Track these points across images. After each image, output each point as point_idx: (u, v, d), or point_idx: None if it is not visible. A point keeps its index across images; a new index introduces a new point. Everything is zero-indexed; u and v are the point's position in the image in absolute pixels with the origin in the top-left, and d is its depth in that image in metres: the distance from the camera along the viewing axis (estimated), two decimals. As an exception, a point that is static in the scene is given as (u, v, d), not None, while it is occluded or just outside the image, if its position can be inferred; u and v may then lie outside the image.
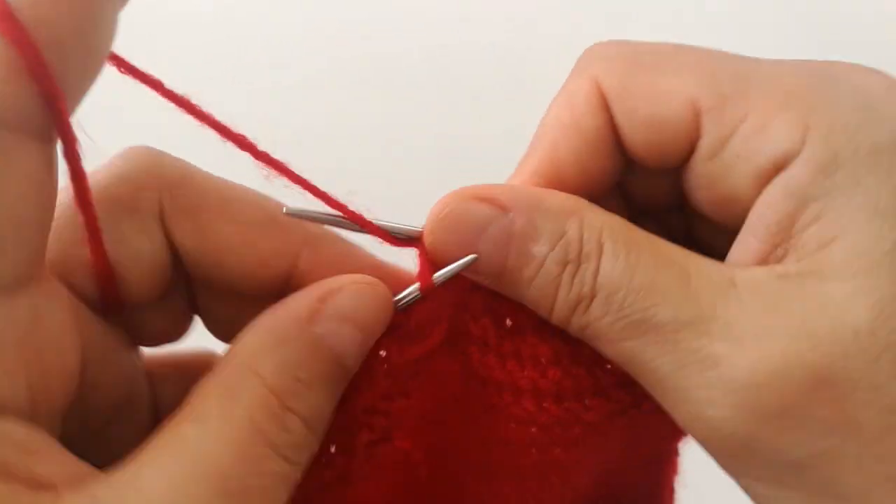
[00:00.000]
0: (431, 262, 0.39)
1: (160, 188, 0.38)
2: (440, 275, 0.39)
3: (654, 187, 0.42)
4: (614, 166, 0.40)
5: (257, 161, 0.37)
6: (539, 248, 0.37)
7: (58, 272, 0.36)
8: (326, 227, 0.40)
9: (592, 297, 0.36)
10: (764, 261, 0.35)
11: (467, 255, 0.38)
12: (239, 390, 0.33)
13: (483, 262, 0.38)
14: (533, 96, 0.45)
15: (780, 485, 0.34)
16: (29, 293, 0.31)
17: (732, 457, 0.35)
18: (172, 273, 0.39)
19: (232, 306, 0.41)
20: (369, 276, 0.38)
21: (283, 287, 0.40)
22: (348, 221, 0.38)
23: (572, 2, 0.86)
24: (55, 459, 0.30)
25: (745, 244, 0.36)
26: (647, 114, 0.37)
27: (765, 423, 0.32)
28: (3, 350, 0.30)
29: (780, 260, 0.34)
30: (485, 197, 0.37)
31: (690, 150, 0.37)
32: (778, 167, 0.34)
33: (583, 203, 0.38)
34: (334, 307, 0.36)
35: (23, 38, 0.28)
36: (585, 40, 0.42)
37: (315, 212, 0.38)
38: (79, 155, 0.33)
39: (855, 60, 0.38)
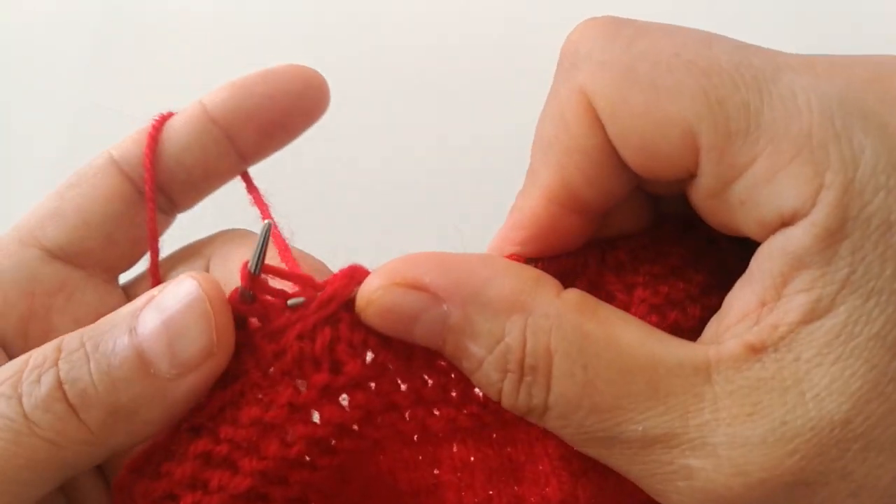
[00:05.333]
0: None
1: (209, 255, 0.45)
2: (294, 302, 0.36)
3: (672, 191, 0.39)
4: (629, 176, 0.36)
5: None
6: (475, 349, 0.33)
7: None
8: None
9: (545, 410, 0.33)
10: (750, 315, 0.32)
11: (404, 337, 0.35)
12: (45, 346, 0.35)
13: (421, 345, 0.35)
14: (531, 95, 0.44)
15: None
16: None
17: None
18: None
19: None
20: (207, 275, 0.36)
21: None
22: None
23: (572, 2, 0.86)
24: None
25: (742, 291, 0.34)
26: (642, 140, 0.33)
27: None
28: None
29: (762, 319, 0.32)
30: (416, 284, 0.34)
31: (690, 178, 0.34)
32: (784, 222, 0.31)
33: (532, 293, 0.34)
34: (161, 295, 0.35)
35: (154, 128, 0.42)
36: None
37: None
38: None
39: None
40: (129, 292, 0.45)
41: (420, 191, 0.78)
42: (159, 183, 0.43)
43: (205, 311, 0.34)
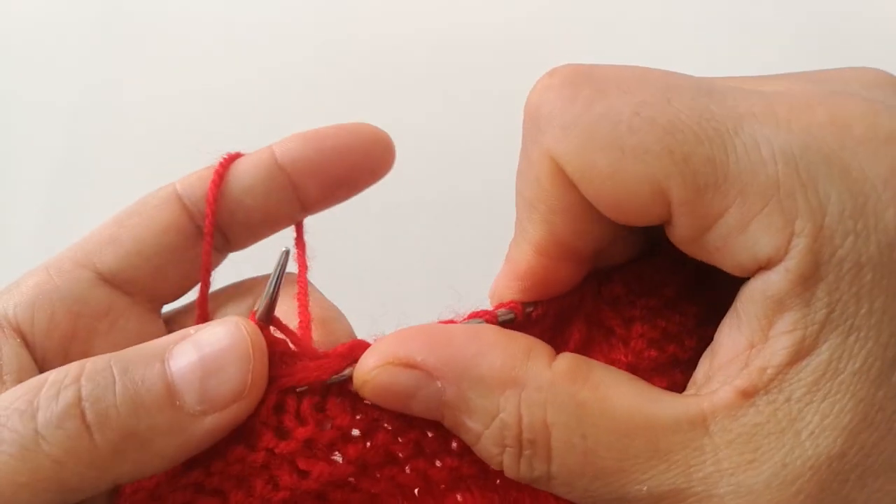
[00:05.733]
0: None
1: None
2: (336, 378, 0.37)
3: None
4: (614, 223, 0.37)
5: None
6: (473, 424, 0.34)
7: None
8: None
9: (549, 479, 0.34)
10: (742, 355, 0.33)
11: (401, 410, 0.36)
12: (68, 365, 0.35)
13: (421, 415, 0.36)
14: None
15: None
16: None
17: None
18: None
19: None
20: (249, 321, 0.37)
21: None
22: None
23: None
24: None
25: (730, 334, 0.34)
26: (614, 200, 0.33)
27: None
28: None
29: (751, 362, 0.33)
30: (410, 363, 0.35)
31: (667, 224, 0.35)
32: (761, 266, 0.32)
33: (521, 366, 0.34)
34: (198, 334, 0.36)
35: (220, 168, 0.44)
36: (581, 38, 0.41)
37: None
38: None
39: (855, 61, 0.37)
40: (171, 323, 0.46)
41: (418, 185, 0.78)
42: (218, 221, 0.44)
43: (245, 354, 0.35)
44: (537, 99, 0.35)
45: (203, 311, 0.45)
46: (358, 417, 0.37)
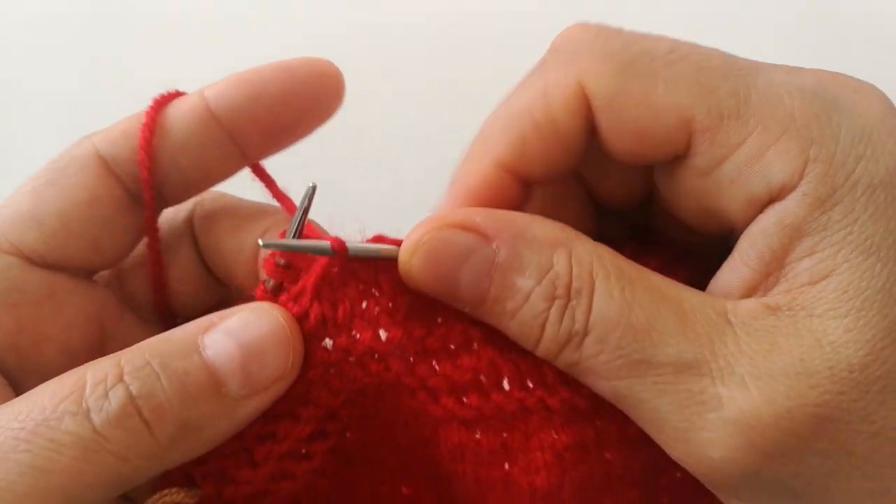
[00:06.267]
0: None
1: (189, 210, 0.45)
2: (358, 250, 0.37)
3: (622, 187, 0.42)
4: (579, 163, 0.39)
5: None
6: (524, 282, 0.35)
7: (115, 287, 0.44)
8: None
9: (585, 334, 0.34)
10: (753, 289, 0.35)
11: (448, 283, 0.36)
12: (104, 359, 0.35)
13: (463, 292, 0.36)
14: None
15: None
16: None
17: (731, 491, 0.35)
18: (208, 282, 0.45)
19: None
20: (275, 305, 0.37)
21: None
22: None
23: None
24: None
25: (736, 271, 0.35)
26: (637, 126, 0.35)
27: (768, 461, 0.32)
28: None
29: (769, 290, 0.34)
30: (467, 225, 0.36)
31: (677, 159, 0.36)
32: (773, 197, 0.34)
33: (571, 233, 0.36)
34: (227, 322, 0.36)
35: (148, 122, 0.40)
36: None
37: (286, 243, 0.38)
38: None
39: (855, 60, 0.38)
40: (121, 282, 0.45)
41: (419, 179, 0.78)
42: (152, 183, 0.41)
43: (286, 339, 0.36)
44: (576, 32, 0.37)
45: (158, 281, 0.43)
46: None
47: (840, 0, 0.84)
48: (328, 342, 0.37)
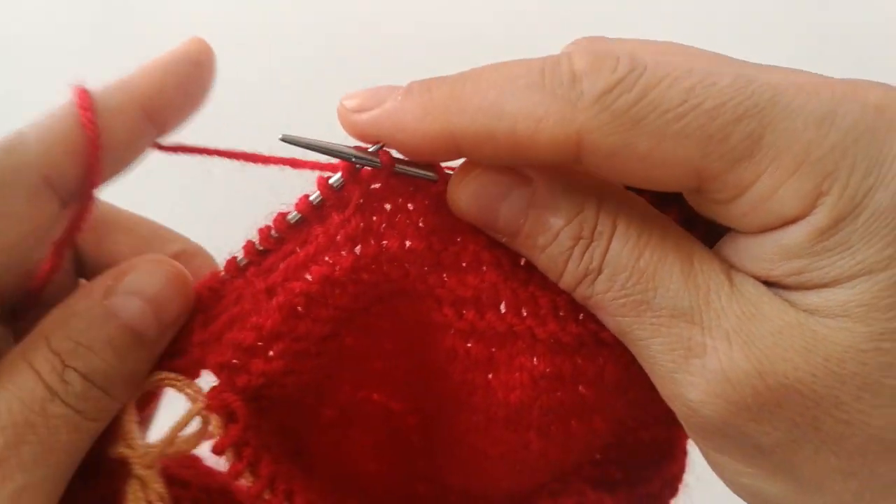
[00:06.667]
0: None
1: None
2: (402, 168, 0.40)
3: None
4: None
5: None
6: (555, 220, 0.38)
7: None
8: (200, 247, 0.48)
9: (599, 272, 0.37)
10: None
11: (488, 216, 0.39)
12: (29, 351, 0.40)
13: (501, 224, 0.39)
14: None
15: (746, 462, 0.37)
16: None
17: (706, 435, 0.37)
18: (74, 281, 0.47)
19: None
20: (162, 256, 0.43)
21: None
22: (349, 153, 0.39)
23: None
24: None
25: (740, 257, 0.37)
26: (639, 177, 0.36)
27: (737, 414, 0.35)
28: None
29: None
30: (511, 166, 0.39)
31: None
32: (784, 224, 0.35)
33: (602, 183, 0.39)
34: (125, 283, 0.41)
35: (92, 128, 0.40)
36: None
37: (311, 140, 0.40)
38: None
39: (854, 62, 0.37)
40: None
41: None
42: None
43: (183, 281, 0.43)
44: (582, 66, 0.34)
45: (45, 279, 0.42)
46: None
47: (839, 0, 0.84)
48: (358, 249, 0.40)
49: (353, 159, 0.39)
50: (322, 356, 0.44)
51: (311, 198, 0.41)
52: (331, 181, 0.40)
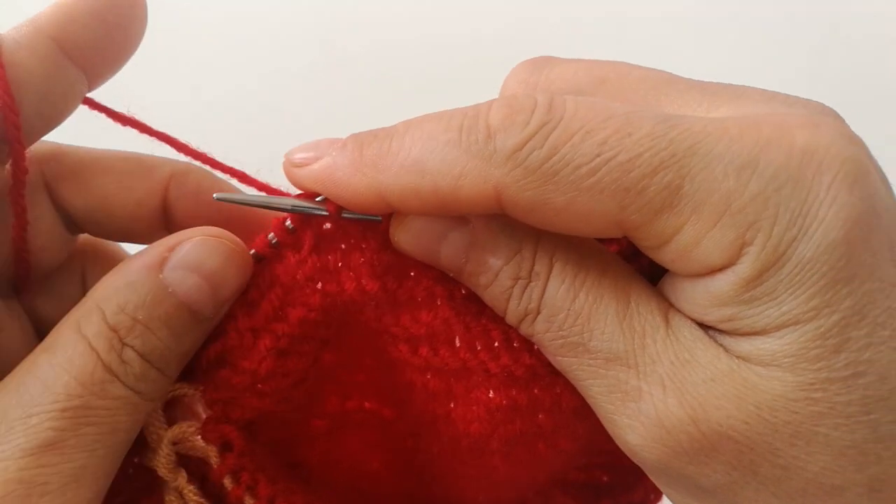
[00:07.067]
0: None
1: (39, 162, 0.43)
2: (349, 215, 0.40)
3: None
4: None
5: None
6: (494, 261, 0.39)
7: None
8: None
9: (537, 312, 0.38)
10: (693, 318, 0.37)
11: (430, 255, 0.40)
12: (85, 325, 0.38)
13: (444, 263, 0.40)
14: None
15: (694, 498, 0.37)
16: None
17: (650, 473, 0.38)
18: (69, 240, 0.46)
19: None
20: (219, 229, 0.41)
21: (161, 226, 0.46)
22: (277, 202, 0.41)
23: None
24: None
25: (677, 297, 0.37)
26: (566, 227, 0.36)
27: (675, 458, 0.35)
28: None
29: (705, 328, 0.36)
30: None
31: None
32: (713, 271, 0.34)
33: (543, 231, 0.38)
34: (180, 256, 0.40)
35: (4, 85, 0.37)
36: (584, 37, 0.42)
37: (242, 196, 0.42)
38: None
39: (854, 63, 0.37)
40: None
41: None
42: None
43: (242, 259, 0.41)
44: (497, 118, 0.35)
45: (22, 246, 0.42)
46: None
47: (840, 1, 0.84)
48: (320, 286, 0.42)
49: (299, 210, 0.40)
50: (308, 380, 0.46)
51: (268, 237, 0.42)
52: (286, 223, 0.41)
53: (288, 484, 0.45)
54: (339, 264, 0.41)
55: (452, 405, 0.43)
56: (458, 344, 0.41)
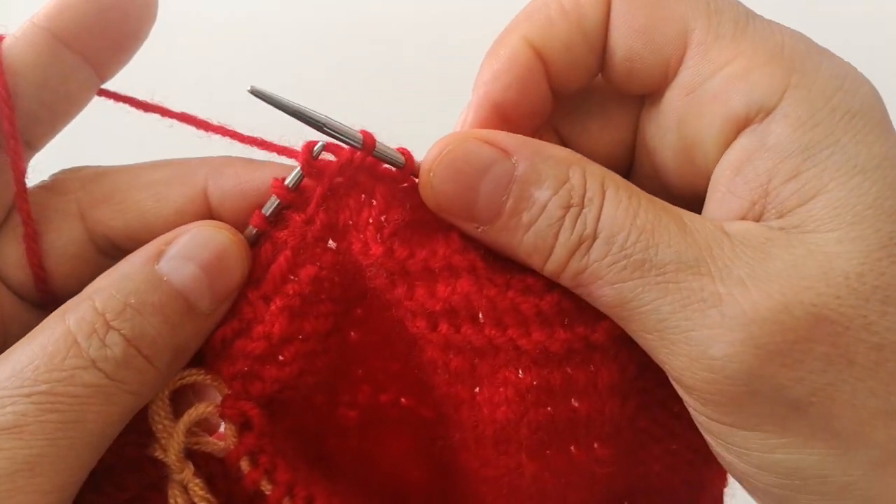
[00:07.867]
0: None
1: (75, 190, 0.42)
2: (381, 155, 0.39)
3: (605, 145, 0.43)
4: (592, 74, 0.41)
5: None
6: (541, 193, 0.37)
7: None
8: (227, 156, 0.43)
9: (594, 238, 0.36)
10: (742, 217, 0.36)
11: (467, 195, 0.37)
12: (70, 310, 0.37)
13: (481, 205, 0.38)
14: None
15: (779, 430, 0.34)
16: None
17: (733, 402, 0.35)
18: (98, 263, 0.43)
19: None
20: (217, 221, 0.40)
21: None
22: (312, 118, 0.38)
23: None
24: None
25: (722, 200, 0.37)
26: (644, 25, 0.38)
27: (768, 359, 0.33)
28: None
29: (758, 216, 0.36)
30: (489, 140, 0.38)
31: (665, 80, 0.39)
32: (750, 117, 0.36)
33: (582, 156, 0.38)
34: (177, 248, 0.38)
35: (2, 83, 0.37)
36: None
37: (279, 97, 0.39)
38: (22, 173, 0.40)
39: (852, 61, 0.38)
40: None
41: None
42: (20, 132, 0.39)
43: (240, 251, 0.39)
44: None
45: (30, 232, 0.41)
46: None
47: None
48: (332, 244, 0.40)
49: (333, 128, 0.38)
50: (329, 353, 0.43)
51: (262, 209, 0.40)
52: (287, 181, 0.39)
53: (310, 473, 0.42)
54: (350, 222, 0.39)
55: (478, 389, 0.40)
56: (482, 320, 0.38)
